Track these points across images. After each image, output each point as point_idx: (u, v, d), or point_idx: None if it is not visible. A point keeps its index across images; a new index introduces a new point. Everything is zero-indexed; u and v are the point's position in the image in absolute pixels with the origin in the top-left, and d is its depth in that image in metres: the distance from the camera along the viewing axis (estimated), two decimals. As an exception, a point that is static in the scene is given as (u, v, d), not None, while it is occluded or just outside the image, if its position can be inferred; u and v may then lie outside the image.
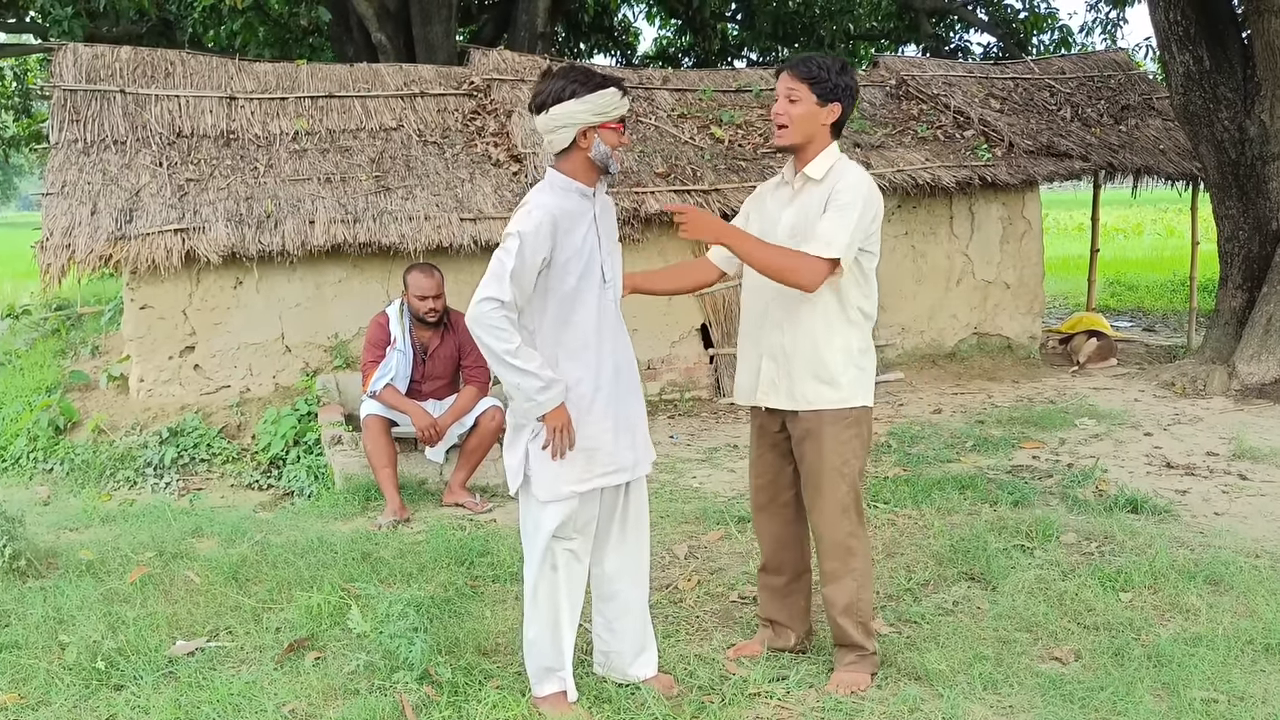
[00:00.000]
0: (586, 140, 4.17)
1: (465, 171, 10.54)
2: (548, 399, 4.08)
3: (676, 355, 11.03)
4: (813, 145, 4.42)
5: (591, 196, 4.26)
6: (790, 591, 4.88)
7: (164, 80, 10.75)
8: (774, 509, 4.77)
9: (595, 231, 4.23)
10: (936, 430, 9.31)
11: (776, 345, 4.47)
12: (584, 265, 4.17)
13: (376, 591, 5.47)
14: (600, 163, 4.20)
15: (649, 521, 4.62)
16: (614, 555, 4.49)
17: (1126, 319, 16.99)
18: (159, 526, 6.98)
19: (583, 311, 4.19)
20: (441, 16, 16.34)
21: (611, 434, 4.28)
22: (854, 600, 4.55)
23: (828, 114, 4.37)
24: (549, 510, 4.23)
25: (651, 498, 7.36)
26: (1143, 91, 14.52)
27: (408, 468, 7.82)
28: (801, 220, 4.38)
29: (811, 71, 4.33)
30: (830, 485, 4.45)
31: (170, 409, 9.23)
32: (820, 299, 4.37)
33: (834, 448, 4.44)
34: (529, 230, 4.02)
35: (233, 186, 9.73)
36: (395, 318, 7.67)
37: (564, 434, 4.14)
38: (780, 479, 4.72)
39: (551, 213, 4.08)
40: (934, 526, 6.55)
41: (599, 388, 4.25)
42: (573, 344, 4.20)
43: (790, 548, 4.83)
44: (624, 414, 4.35)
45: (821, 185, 4.38)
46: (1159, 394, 10.82)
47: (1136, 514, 6.86)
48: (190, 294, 9.40)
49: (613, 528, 4.46)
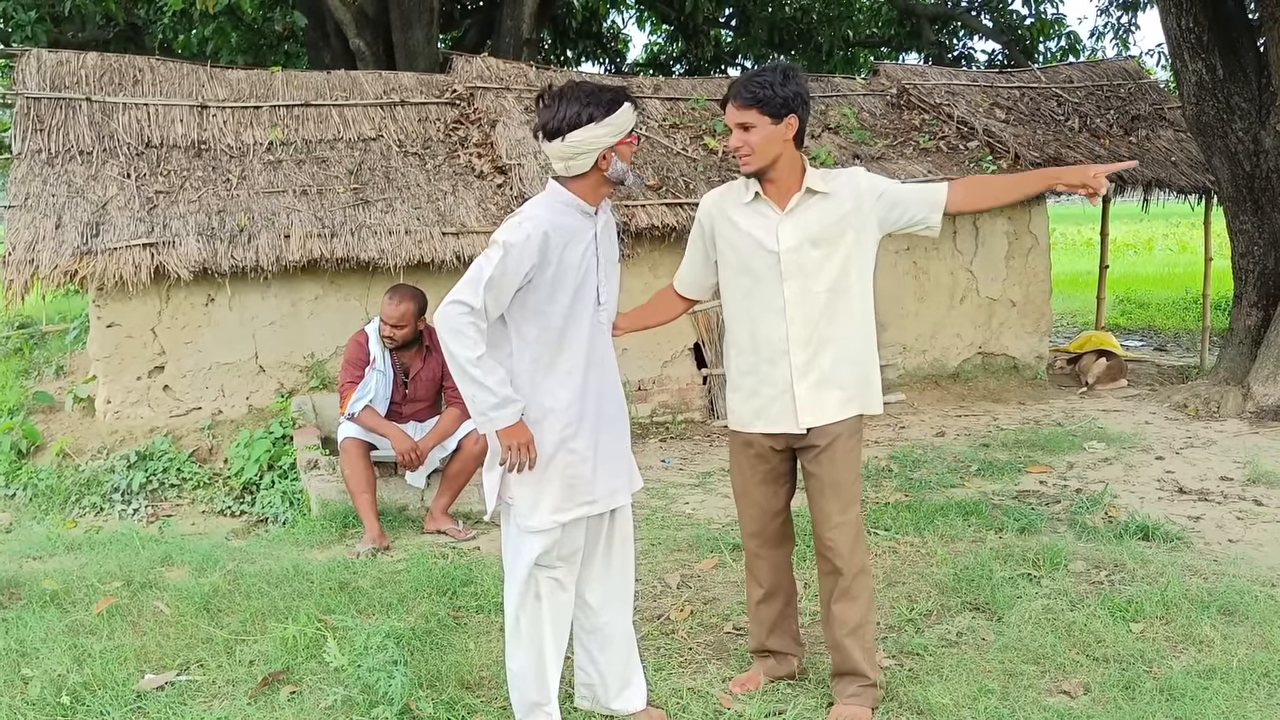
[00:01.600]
0: (605, 162, 4.17)
1: (448, 183, 10.57)
2: (500, 416, 4.07)
3: (668, 376, 11.06)
4: (783, 164, 4.45)
5: (594, 215, 4.27)
6: (787, 615, 4.92)
7: (132, 88, 10.78)
8: (769, 535, 4.79)
9: (595, 252, 4.25)
10: (939, 454, 9.34)
11: (810, 361, 4.49)
12: (579, 285, 4.18)
13: (354, 623, 5.47)
14: (617, 178, 4.22)
15: (635, 549, 4.62)
16: (598, 585, 4.49)
17: (1137, 338, 17.06)
18: (127, 555, 6.97)
19: (575, 332, 4.20)
20: (423, 22, 16.36)
21: (593, 462, 4.28)
22: (863, 621, 4.59)
23: (785, 129, 4.41)
24: (530, 538, 4.23)
25: (642, 524, 7.38)
26: (1154, 101, 14.60)
27: (387, 493, 7.82)
28: (821, 229, 4.44)
29: (756, 94, 4.35)
30: (849, 498, 4.52)
31: (139, 432, 9.23)
32: (863, 304, 4.52)
33: (848, 460, 4.52)
34: (516, 241, 4.02)
35: (204, 199, 9.75)
36: (375, 337, 7.65)
37: (522, 452, 4.12)
38: (775, 504, 4.75)
39: (544, 227, 4.07)
40: (937, 554, 6.56)
41: (584, 413, 4.26)
42: (561, 366, 4.20)
43: (785, 571, 4.88)
44: (608, 440, 4.35)
45: (833, 195, 4.46)
46: (1171, 416, 10.86)
47: (1148, 541, 6.89)
48: (159, 311, 9.41)
49: (596, 556, 4.46)
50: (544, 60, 21.16)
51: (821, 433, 4.50)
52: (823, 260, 4.43)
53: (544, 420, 4.20)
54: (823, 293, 4.43)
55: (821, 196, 4.46)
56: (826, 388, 4.48)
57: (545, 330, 4.17)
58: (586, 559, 4.44)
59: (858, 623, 4.57)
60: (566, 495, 4.23)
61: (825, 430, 4.50)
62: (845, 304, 4.46)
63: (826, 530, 4.57)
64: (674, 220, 10.55)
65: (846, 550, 4.53)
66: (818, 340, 4.46)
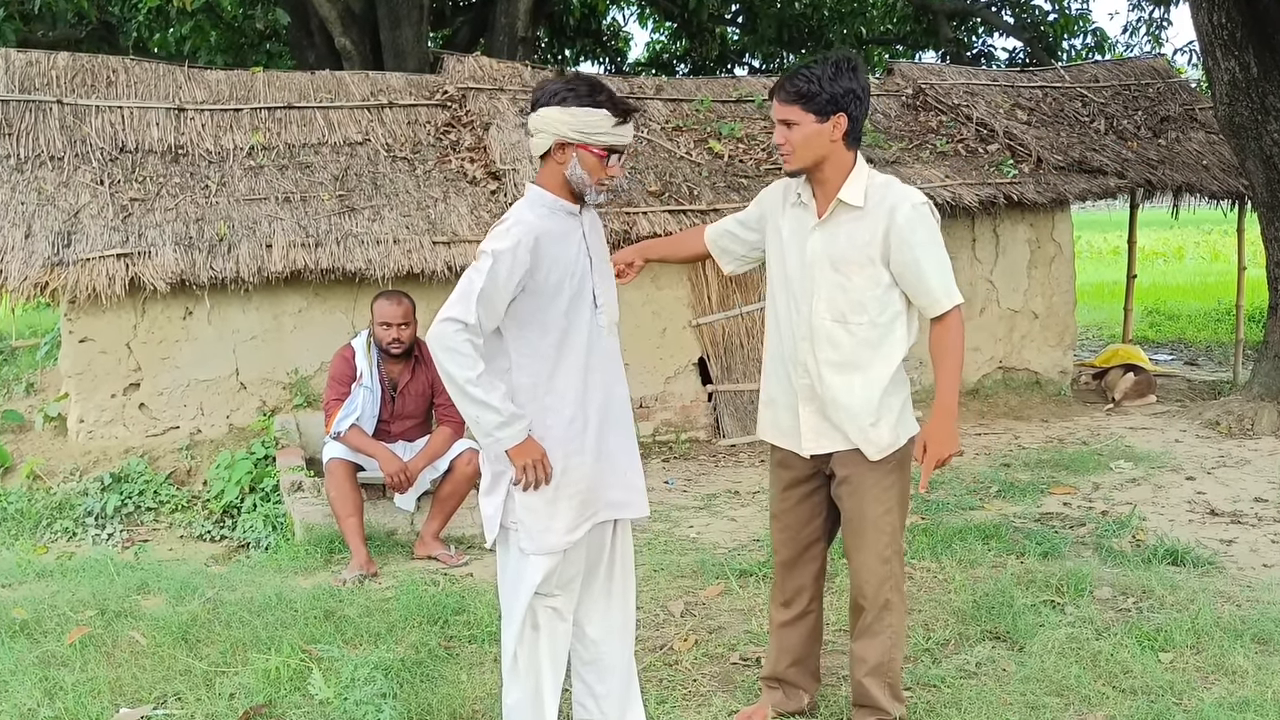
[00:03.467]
0: (563, 155, 4.16)
1: (438, 190, 10.61)
2: (508, 435, 4.07)
3: (671, 392, 11.08)
4: (830, 165, 4.37)
5: (578, 214, 4.29)
6: (810, 645, 4.87)
7: (105, 90, 10.81)
8: (803, 562, 4.76)
9: (586, 251, 4.26)
10: (958, 474, 9.36)
11: (812, 388, 4.46)
12: (575, 289, 4.19)
13: (341, 654, 5.49)
14: (576, 187, 4.20)
15: (636, 575, 4.62)
16: (598, 617, 4.49)
17: (1166, 352, 17.07)
18: (101, 582, 6.98)
19: (574, 339, 4.21)
20: (412, 19, 16.37)
21: (599, 474, 4.29)
22: (885, 659, 4.57)
23: (833, 129, 4.31)
24: (533, 563, 4.22)
25: (645, 549, 7.39)
26: (1184, 101, 14.63)
27: (375, 517, 7.83)
28: (845, 251, 4.36)
29: (801, 89, 4.27)
30: (876, 534, 4.47)
31: (113, 452, 9.25)
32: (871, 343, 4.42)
33: (877, 495, 4.46)
34: (505, 249, 4.03)
35: (181, 207, 9.78)
36: (361, 351, 7.67)
37: (537, 469, 4.13)
38: (808, 531, 4.71)
39: (534, 231, 4.09)
40: (955, 580, 6.58)
41: (588, 422, 4.26)
42: (562, 375, 4.21)
43: (814, 595, 4.82)
44: (615, 447, 4.36)
45: (869, 214, 4.34)
46: (1202, 434, 10.88)
47: (1178, 566, 6.91)
48: (135, 326, 9.44)
49: (596, 582, 4.46)
50: (540, 60, 21.20)
51: (841, 462, 4.48)
52: (838, 286, 4.38)
53: (549, 434, 4.20)
54: (832, 322, 4.39)
55: (856, 213, 4.37)
56: (832, 417, 4.44)
57: (543, 339, 4.18)
58: (586, 585, 4.44)
59: (878, 661, 4.55)
60: (579, 512, 4.24)
61: (844, 459, 4.47)
62: (864, 338, 4.39)
63: (850, 564, 4.59)
64: (677, 228, 10.54)
65: (871, 588, 4.51)
66: (826, 367, 4.42)
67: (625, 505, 4.41)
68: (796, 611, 4.82)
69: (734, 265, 4.91)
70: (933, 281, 4.35)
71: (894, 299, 4.41)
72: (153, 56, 15.40)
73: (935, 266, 4.34)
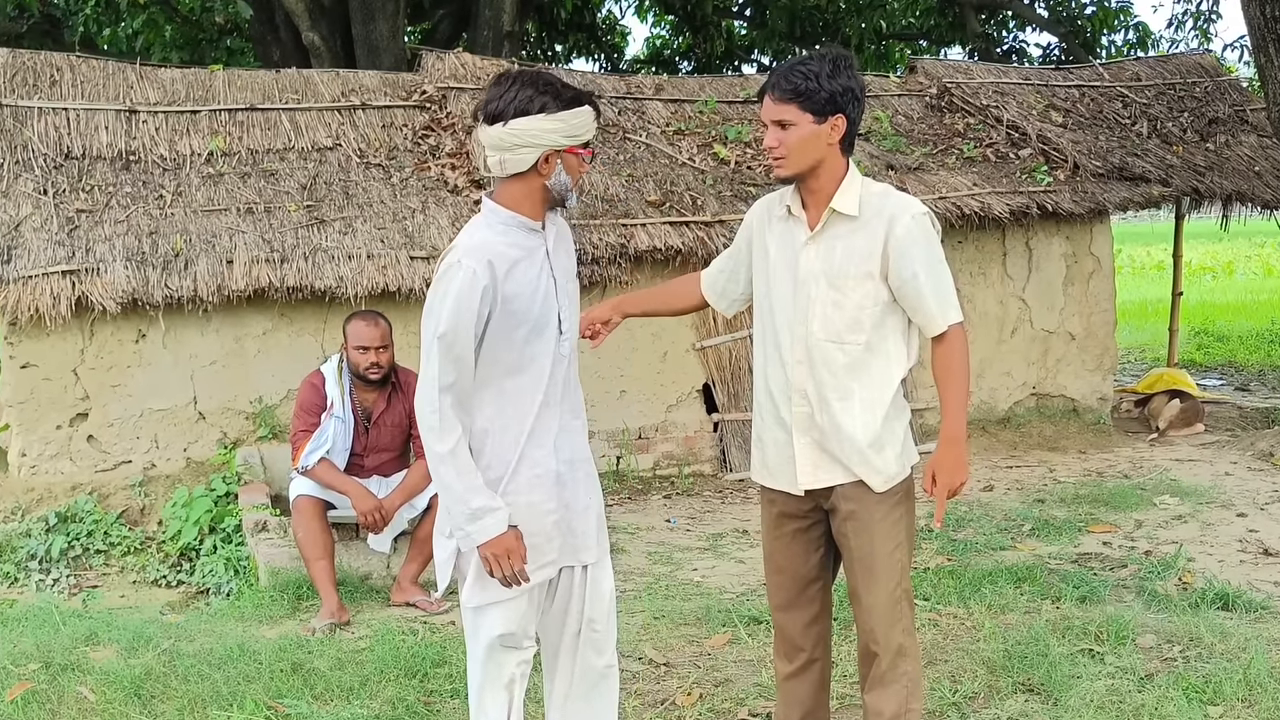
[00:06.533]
0: (548, 166, 4.06)
1: (416, 200, 10.63)
2: (478, 530, 4.02)
3: (673, 422, 11.09)
4: (824, 172, 4.39)
5: (541, 230, 4.18)
6: (819, 697, 4.86)
7: (49, 90, 10.83)
8: (801, 604, 4.76)
9: (549, 272, 4.17)
10: (987, 511, 9.39)
11: (810, 417, 4.47)
12: (536, 317, 4.10)
13: (310, 710, 5.51)
14: (558, 194, 4.14)
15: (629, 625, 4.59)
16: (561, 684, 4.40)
17: (1215, 376, 17.09)
18: (45, 632, 6.99)
19: (535, 371, 4.15)
20: (387, 12, 16.38)
21: (566, 520, 4.21)
22: (902, 710, 4.55)
23: (830, 130, 4.33)
24: (489, 613, 4.16)
25: (644, 594, 7.41)
26: (1234, 102, 14.66)
27: (348, 559, 7.85)
28: (842, 265, 4.38)
29: (799, 86, 4.27)
30: (884, 573, 4.48)
31: (59, 489, 9.26)
32: (869, 366, 4.42)
33: (883, 531, 4.47)
34: (447, 326, 3.95)
35: (133, 219, 9.80)
36: (332, 377, 7.66)
37: (507, 563, 4.03)
38: (805, 569, 4.71)
39: (486, 260, 3.99)
40: (984, 628, 6.60)
41: (550, 467, 4.18)
42: (522, 413, 4.13)
43: (820, 642, 4.81)
44: (578, 492, 4.28)
45: (864, 224, 4.38)
46: (1255, 466, 10.90)
47: (1228, 611, 6.93)
48: (82, 350, 9.45)
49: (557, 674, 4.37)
50: (528, 56, 21.21)
51: (843, 496, 4.48)
52: (834, 304, 4.40)
53: (509, 478, 4.13)
54: (828, 343, 4.41)
55: (851, 224, 4.40)
56: (832, 448, 4.44)
57: (505, 375, 4.11)
58: (548, 674, 4.36)
59: (894, 713, 4.52)
60: (532, 555, 4.12)
61: (846, 494, 4.48)
62: (861, 359, 4.41)
63: (856, 608, 4.59)
64: (679, 241, 10.58)
65: (882, 632, 4.50)
66: (825, 390, 4.43)
67: (580, 550, 4.29)
68: (801, 662, 4.81)
69: (735, 306, 4.93)
70: (930, 298, 4.38)
71: (893, 316, 4.44)
72: (101, 53, 15.44)
73: (934, 282, 4.39)
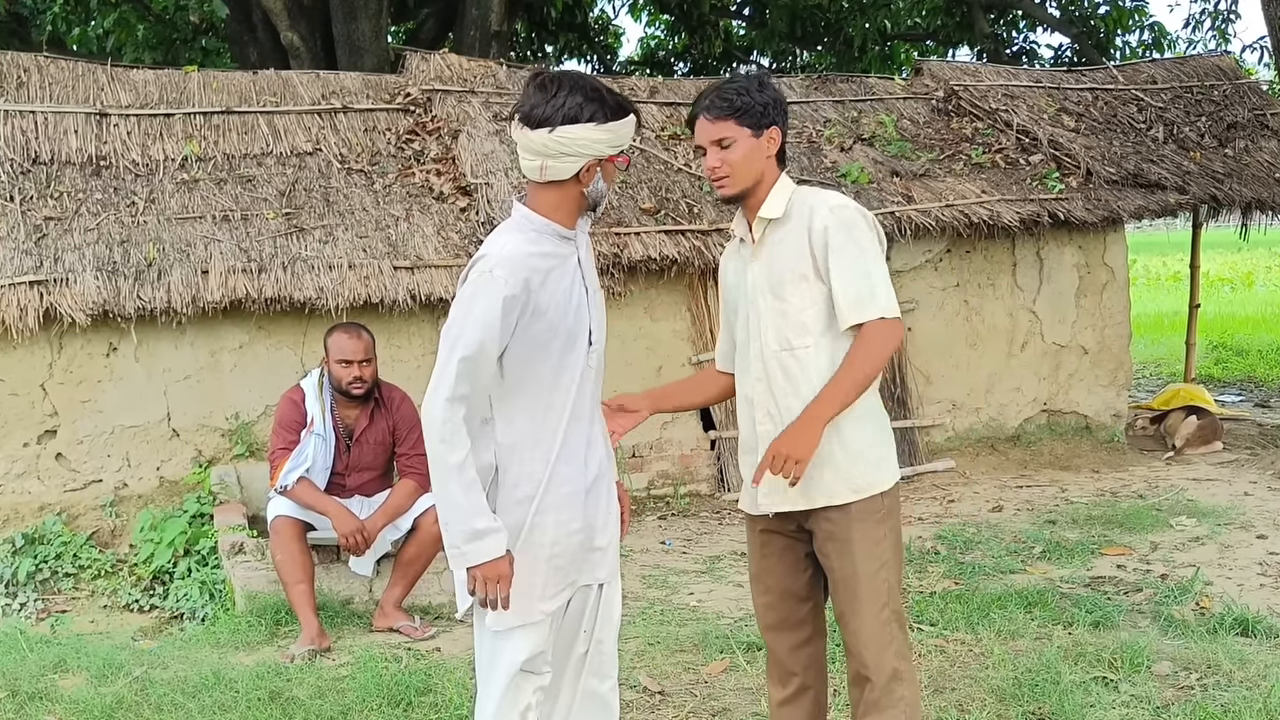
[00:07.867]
0: (589, 174, 4.10)
1: (400, 207, 10.64)
2: (475, 551, 3.99)
3: (669, 439, 11.09)
4: (763, 185, 4.55)
5: (573, 238, 4.21)
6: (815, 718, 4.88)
7: (16, 92, 10.82)
8: (791, 625, 4.78)
9: (581, 281, 4.21)
10: (996, 533, 9.39)
11: (773, 435, 4.48)
12: (570, 328, 4.13)
13: (289, 740, 5.51)
14: (594, 200, 4.17)
15: (627, 650, 4.62)
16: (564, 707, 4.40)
17: (1234, 392, 17.10)
18: (11, 659, 6.99)
19: (566, 384, 4.16)
20: (369, 11, 16.35)
21: (588, 537, 4.22)
22: (899, 737, 4.59)
23: (768, 143, 4.51)
24: (514, 638, 4.13)
25: (639, 619, 7.42)
26: (1254, 106, 14.67)
27: (328, 583, 7.85)
28: (779, 272, 4.49)
29: (733, 102, 4.44)
30: (870, 594, 4.49)
31: (26, 510, 9.26)
32: (821, 368, 4.45)
33: (865, 550, 4.47)
34: (470, 337, 3.94)
35: (104, 227, 9.80)
36: (312, 393, 7.66)
37: (494, 586, 4.01)
38: (794, 587, 4.73)
39: (520, 272, 3.99)
40: (993, 654, 6.61)
41: (580, 483, 4.19)
42: (551, 430, 4.13)
43: (813, 668, 4.82)
44: (602, 508, 4.29)
45: (792, 227, 4.50)
46: (1275, 486, 10.91)
47: (1247, 637, 6.93)
48: (50, 364, 9.45)
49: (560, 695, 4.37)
50: (517, 57, 21.22)
51: (820, 516, 4.50)
52: (779, 312, 4.49)
53: (540, 496, 4.12)
54: (781, 353, 4.49)
55: (781, 229, 4.53)
56: None
57: (537, 388, 4.11)
58: (548, 695, 4.33)
59: None
60: (557, 576, 4.16)
61: (823, 513, 4.49)
62: (813, 362, 4.45)
63: (844, 631, 4.59)
64: (674, 251, 10.58)
65: (871, 655, 4.50)
66: (782, 409, 4.49)
67: (601, 566, 4.31)
68: (794, 688, 4.82)
69: None
70: (842, 289, 4.40)
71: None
72: (70, 54, 15.42)
73: (851, 273, 4.40)
